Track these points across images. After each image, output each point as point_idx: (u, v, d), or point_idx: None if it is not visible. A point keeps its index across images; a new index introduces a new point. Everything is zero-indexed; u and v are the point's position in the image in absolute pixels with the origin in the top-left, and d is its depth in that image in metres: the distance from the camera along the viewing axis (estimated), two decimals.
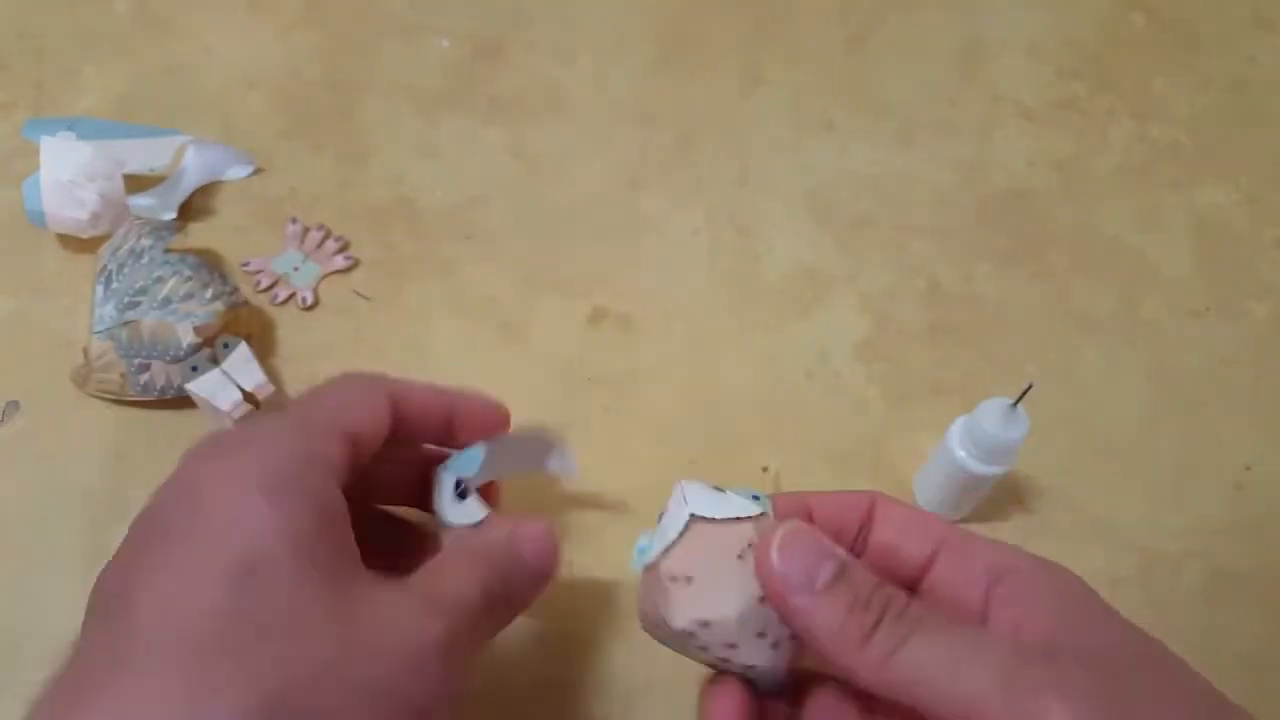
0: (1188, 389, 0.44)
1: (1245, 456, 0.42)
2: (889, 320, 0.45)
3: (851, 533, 0.31)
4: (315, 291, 0.45)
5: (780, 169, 0.49)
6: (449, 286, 0.45)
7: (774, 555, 0.27)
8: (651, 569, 0.28)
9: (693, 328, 0.45)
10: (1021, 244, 0.47)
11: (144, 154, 0.46)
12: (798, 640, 0.28)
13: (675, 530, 0.28)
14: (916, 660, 0.25)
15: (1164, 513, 0.41)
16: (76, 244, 0.45)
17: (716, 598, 0.27)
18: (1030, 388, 0.35)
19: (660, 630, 0.28)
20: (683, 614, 0.27)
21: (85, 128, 0.46)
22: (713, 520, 0.28)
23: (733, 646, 0.27)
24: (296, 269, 0.45)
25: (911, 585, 0.30)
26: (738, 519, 0.28)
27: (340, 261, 0.45)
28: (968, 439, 0.37)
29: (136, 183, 0.45)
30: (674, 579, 0.27)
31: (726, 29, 0.53)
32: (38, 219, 0.43)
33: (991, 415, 0.36)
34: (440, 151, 0.49)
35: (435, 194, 0.48)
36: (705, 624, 0.27)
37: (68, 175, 0.43)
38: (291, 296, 0.44)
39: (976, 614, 0.28)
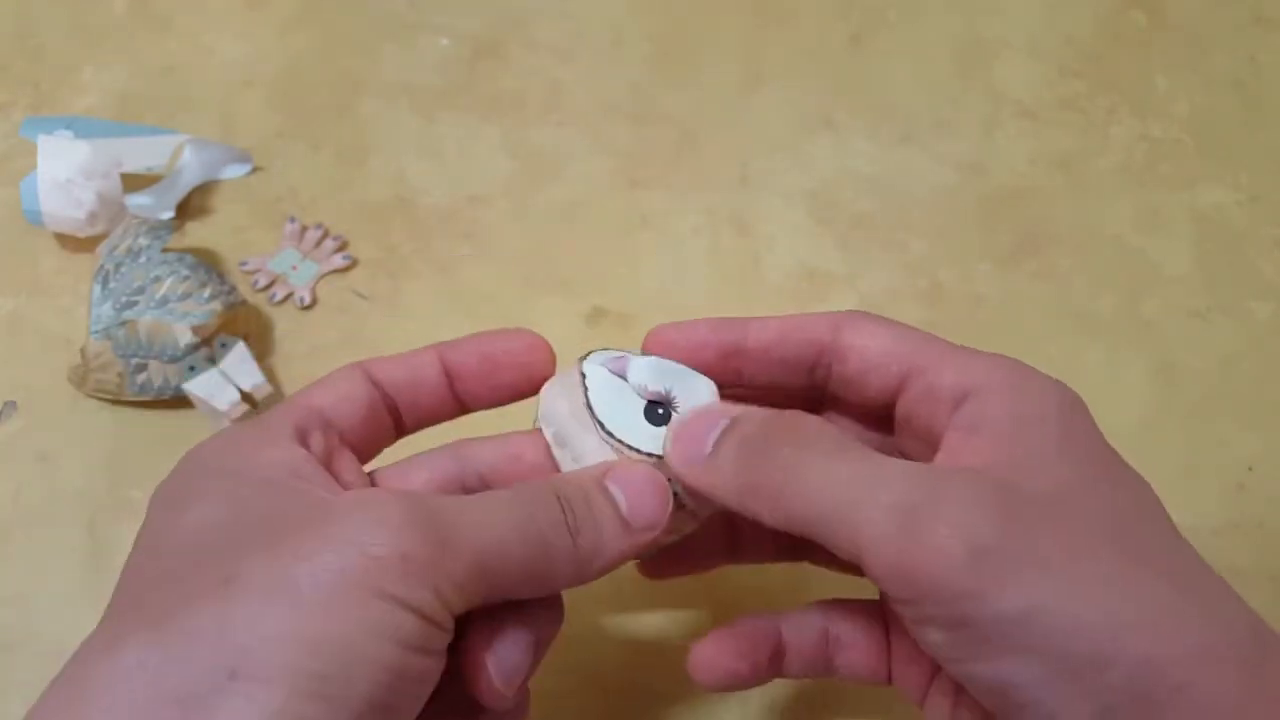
0: (1189, 389, 0.44)
1: (1247, 457, 0.42)
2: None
3: (804, 364, 0.27)
4: (313, 291, 0.44)
5: (780, 168, 0.49)
6: (448, 285, 0.45)
7: (669, 449, 0.25)
8: None
9: None
10: (1022, 243, 0.47)
11: (142, 153, 0.46)
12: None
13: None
14: (806, 491, 0.22)
15: None
16: (74, 243, 0.44)
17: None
18: None
19: None
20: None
21: (83, 127, 0.46)
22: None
23: None
24: (294, 268, 0.45)
25: (889, 421, 0.27)
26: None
27: (338, 261, 0.45)
28: None
29: (134, 182, 0.45)
30: None
31: (726, 28, 0.53)
32: (35, 218, 0.43)
33: None
34: (439, 150, 0.49)
35: (434, 193, 0.47)
36: None
37: (65, 174, 0.42)
38: (289, 296, 0.44)
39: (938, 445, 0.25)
